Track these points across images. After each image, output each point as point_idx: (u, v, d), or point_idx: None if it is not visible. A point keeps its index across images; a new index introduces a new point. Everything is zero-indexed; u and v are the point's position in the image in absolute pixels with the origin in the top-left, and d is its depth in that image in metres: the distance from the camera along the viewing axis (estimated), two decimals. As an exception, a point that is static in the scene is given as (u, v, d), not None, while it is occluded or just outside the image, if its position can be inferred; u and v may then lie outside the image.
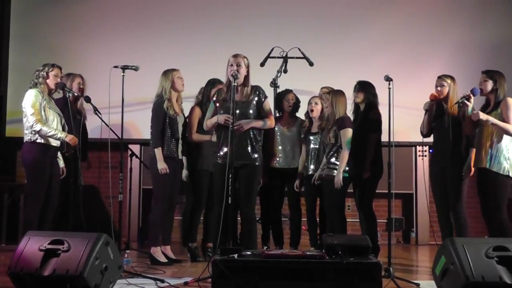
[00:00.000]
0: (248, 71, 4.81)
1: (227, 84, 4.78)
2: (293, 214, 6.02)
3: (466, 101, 4.93)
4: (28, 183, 5.12)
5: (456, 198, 5.11)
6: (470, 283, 3.53)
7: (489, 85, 5.06)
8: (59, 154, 5.25)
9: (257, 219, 5.55)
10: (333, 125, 5.37)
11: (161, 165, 5.28)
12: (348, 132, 5.29)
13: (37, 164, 5.02)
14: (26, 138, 5.04)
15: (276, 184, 5.94)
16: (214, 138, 5.13)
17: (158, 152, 5.31)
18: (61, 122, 5.16)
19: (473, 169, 5.12)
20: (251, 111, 4.81)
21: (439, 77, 5.25)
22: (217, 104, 4.85)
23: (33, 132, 4.98)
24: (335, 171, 5.31)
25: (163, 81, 5.42)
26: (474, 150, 5.14)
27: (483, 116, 4.85)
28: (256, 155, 4.83)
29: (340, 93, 5.46)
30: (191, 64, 6.82)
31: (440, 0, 7.60)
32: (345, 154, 5.27)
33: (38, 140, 5.00)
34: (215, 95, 4.93)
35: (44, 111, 5.03)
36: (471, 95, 4.93)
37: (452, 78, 5.22)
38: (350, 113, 5.65)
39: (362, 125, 5.53)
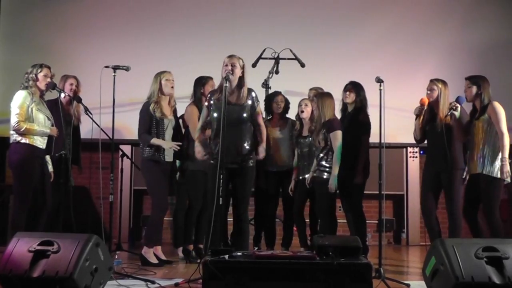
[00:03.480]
0: (243, 73, 4.78)
1: (221, 85, 4.73)
2: (287, 216, 6.02)
3: (454, 112, 4.98)
4: (14, 184, 5.04)
5: (454, 201, 5.15)
6: (460, 284, 3.55)
7: (473, 90, 5.10)
8: (48, 158, 5.21)
9: (250, 219, 5.56)
10: (321, 128, 5.36)
11: (168, 144, 5.29)
12: (338, 135, 5.28)
13: (23, 164, 4.94)
14: (11, 139, 4.99)
15: (271, 186, 5.94)
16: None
17: (156, 141, 5.30)
18: (49, 124, 5.10)
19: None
20: (245, 115, 4.78)
21: (431, 81, 5.28)
22: (211, 107, 4.81)
23: (18, 133, 4.94)
24: (326, 174, 5.32)
25: (153, 84, 5.44)
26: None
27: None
28: (249, 156, 4.81)
29: (326, 96, 5.45)
30: (183, 65, 6.82)
31: (431, 2, 7.64)
32: (337, 157, 5.25)
33: (23, 141, 4.94)
34: (209, 97, 4.89)
35: (32, 112, 4.97)
36: (457, 104, 4.99)
37: (443, 82, 5.23)
38: (337, 112, 5.62)
39: (351, 128, 5.50)
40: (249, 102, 4.81)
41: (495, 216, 4.95)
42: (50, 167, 5.28)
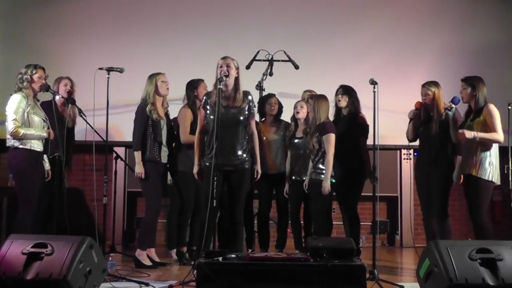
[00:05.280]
0: (238, 74, 4.78)
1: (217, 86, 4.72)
2: (281, 218, 6.02)
3: (448, 112, 5.00)
4: (16, 188, 5.07)
5: (441, 204, 5.16)
6: (454, 285, 3.56)
7: (468, 92, 5.12)
8: (44, 156, 5.22)
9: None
10: (315, 131, 5.37)
11: (139, 169, 5.32)
12: (331, 138, 5.29)
13: (22, 169, 4.97)
14: (9, 143, 5.01)
15: (264, 188, 5.93)
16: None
17: (137, 155, 5.34)
18: (45, 126, 5.11)
19: (461, 175, 5.18)
20: (241, 117, 4.77)
21: (423, 86, 5.28)
22: (207, 110, 4.80)
23: (15, 138, 4.95)
24: (322, 176, 5.32)
25: (147, 85, 5.43)
26: (459, 157, 5.21)
27: (469, 134, 4.91)
28: (244, 159, 4.80)
29: (322, 98, 5.46)
30: (177, 67, 6.81)
31: (424, 5, 7.65)
32: (330, 159, 5.27)
33: (21, 146, 4.96)
34: (203, 100, 4.88)
35: (28, 116, 4.98)
36: (452, 104, 5.00)
37: (436, 84, 5.24)
38: (330, 117, 5.63)
39: (350, 131, 5.53)
40: (246, 105, 4.80)
41: (482, 217, 4.97)
42: (47, 165, 5.28)
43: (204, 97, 4.90)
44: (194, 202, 5.63)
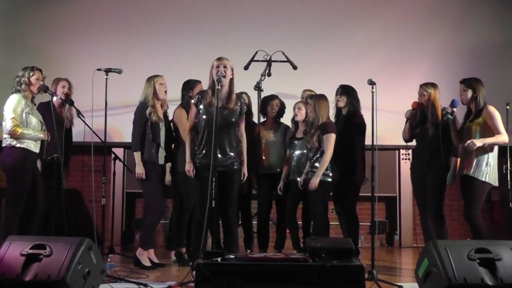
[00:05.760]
0: (232, 74, 4.77)
1: (212, 86, 4.72)
2: (280, 218, 6.02)
3: (449, 116, 4.98)
4: (7, 187, 5.07)
5: (436, 206, 5.16)
6: (453, 285, 3.56)
7: (469, 94, 5.12)
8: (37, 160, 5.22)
9: (239, 222, 5.55)
10: (316, 130, 5.39)
11: (139, 170, 5.33)
12: (331, 137, 5.31)
13: (17, 168, 4.98)
14: (5, 143, 5.01)
15: (263, 189, 5.93)
16: None
17: (137, 156, 5.35)
18: (42, 128, 5.12)
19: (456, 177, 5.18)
20: (234, 119, 4.78)
21: (421, 86, 5.29)
22: (200, 109, 4.80)
23: (12, 137, 4.95)
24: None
25: (146, 88, 5.44)
26: (454, 159, 5.20)
27: (479, 143, 4.90)
28: (233, 159, 4.79)
29: (322, 98, 5.48)
30: (175, 68, 6.81)
31: (423, 6, 7.66)
32: (326, 158, 5.29)
33: (18, 145, 4.96)
34: (197, 98, 4.87)
35: (27, 116, 4.99)
36: (453, 108, 4.98)
37: (433, 85, 5.25)
38: (331, 117, 5.65)
39: (346, 131, 5.53)
40: (238, 106, 4.81)
41: (474, 216, 4.97)
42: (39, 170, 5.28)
43: (198, 96, 4.87)
44: (193, 203, 5.62)
